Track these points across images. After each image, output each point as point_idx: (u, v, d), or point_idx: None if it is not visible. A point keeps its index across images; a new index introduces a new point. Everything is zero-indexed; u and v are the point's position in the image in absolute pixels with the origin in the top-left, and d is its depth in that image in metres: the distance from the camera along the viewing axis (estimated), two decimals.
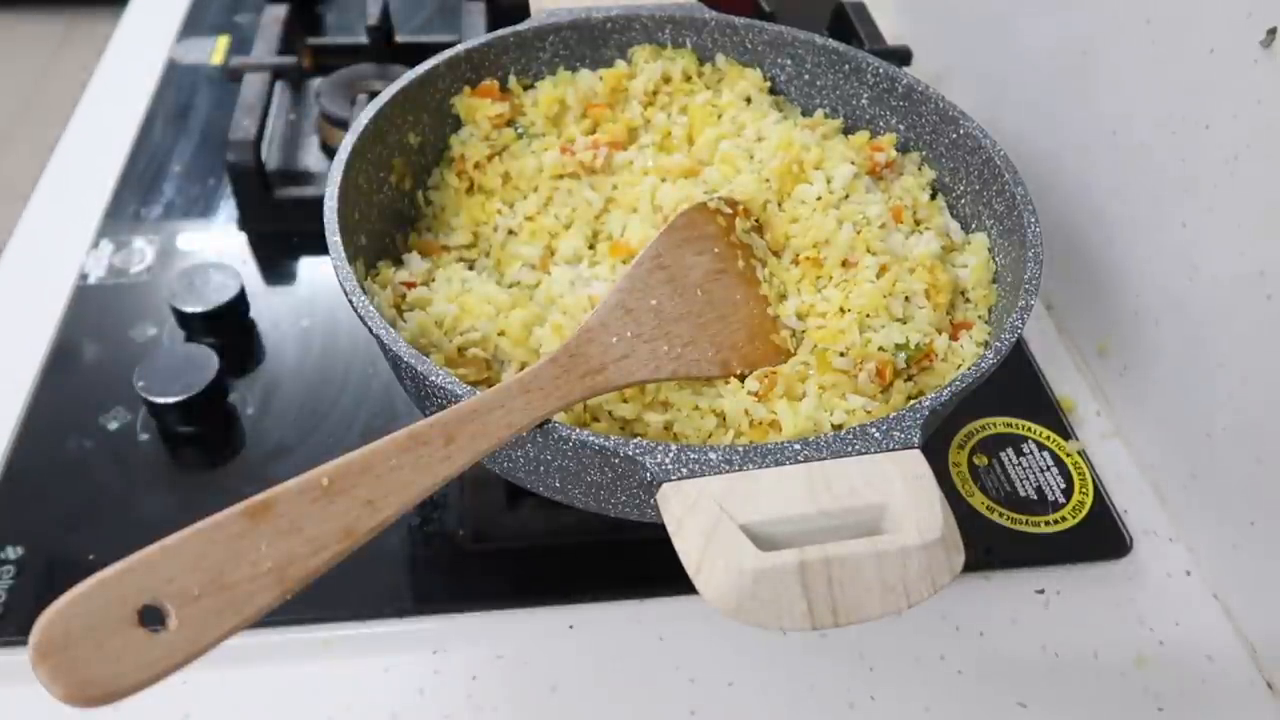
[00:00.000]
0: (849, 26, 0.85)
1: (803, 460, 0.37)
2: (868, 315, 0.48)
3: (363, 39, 0.84)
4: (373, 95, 0.55)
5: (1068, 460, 0.59)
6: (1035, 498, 0.57)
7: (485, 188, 0.58)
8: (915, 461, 0.37)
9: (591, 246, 0.56)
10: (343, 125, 0.74)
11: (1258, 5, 0.49)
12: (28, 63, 2.26)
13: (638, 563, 0.53)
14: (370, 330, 0.41)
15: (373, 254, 0.52)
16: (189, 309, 0.62)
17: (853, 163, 0.55)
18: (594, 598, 0.52)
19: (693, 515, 0.35)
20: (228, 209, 0.73)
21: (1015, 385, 0.64)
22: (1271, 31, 0.48)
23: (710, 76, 0.62)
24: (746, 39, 0.61)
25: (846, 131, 0.60)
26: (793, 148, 0.54)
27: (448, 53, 0.57)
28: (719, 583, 0.33)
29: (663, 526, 0.35)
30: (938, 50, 0.87)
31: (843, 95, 0.61)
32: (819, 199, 0.53)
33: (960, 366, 0.48)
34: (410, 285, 0.50)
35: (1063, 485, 0.58)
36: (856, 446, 0.37)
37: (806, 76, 0.61)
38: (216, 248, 0.70)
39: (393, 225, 0.56)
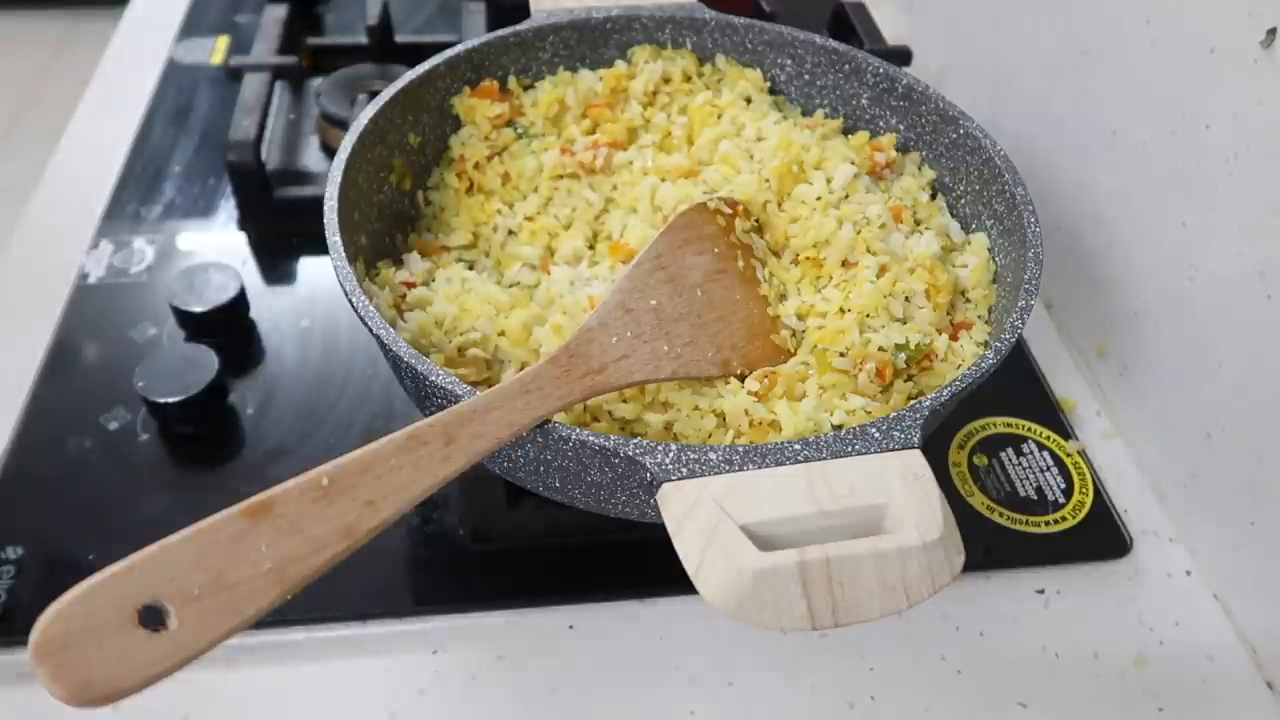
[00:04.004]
0: (849, 26, 0.85)
1: (803, 460, 0.37)
2: (868, 315, 0.48)
3: (363, 39, 0.84)
4: (373, 95, 0.54)
5: (1068, 460, 0.59)
6: (1035, 498, 0.57)
7: (485, 188, 0.58)
8: (915, 461, 0.37)
9: (591, 247, 0.56)
10: (343, 125, 0.74)
11: (1258, 5, 0.49)
12: (28, 63, 2.26)
13: (638, 563, 0.53)
14: (370, 330, 0.41)
15: (373, 254, 0.52)
16: (189, 309, 0.62)
17: (853, 163, 0.55)
18: (594, 598, 0.52)
19: (693, 515, 0.35)
20: (228, 209, 0.73)
21: (1015, 385, 0.64)
22: (1271, 31, 0.48)
23: (710, 77, 0.62)
24: (746, 39, 0.61)
25: (846, 131, 0.60)
26: (793, 148, 0.54)
27: (448, 53, 0.57)
28: (719, 583, 0.33)
29: (663, 526, 0.35)
30: (938, 50, 0.87)
31: (843, 95, 0.61)
32: (819, 199, 0.53)
33: (960, 366, 0.48)
34: (410, 285, 0.50)
35: (1063, 485, 0.58)
36: (856, 446, 0.37)
37: (806, 76, 0.61)
38: (216, 248, 0.70)
39: (393, 225, 0.56)
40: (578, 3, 0.61)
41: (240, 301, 0.64)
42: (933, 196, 0.57)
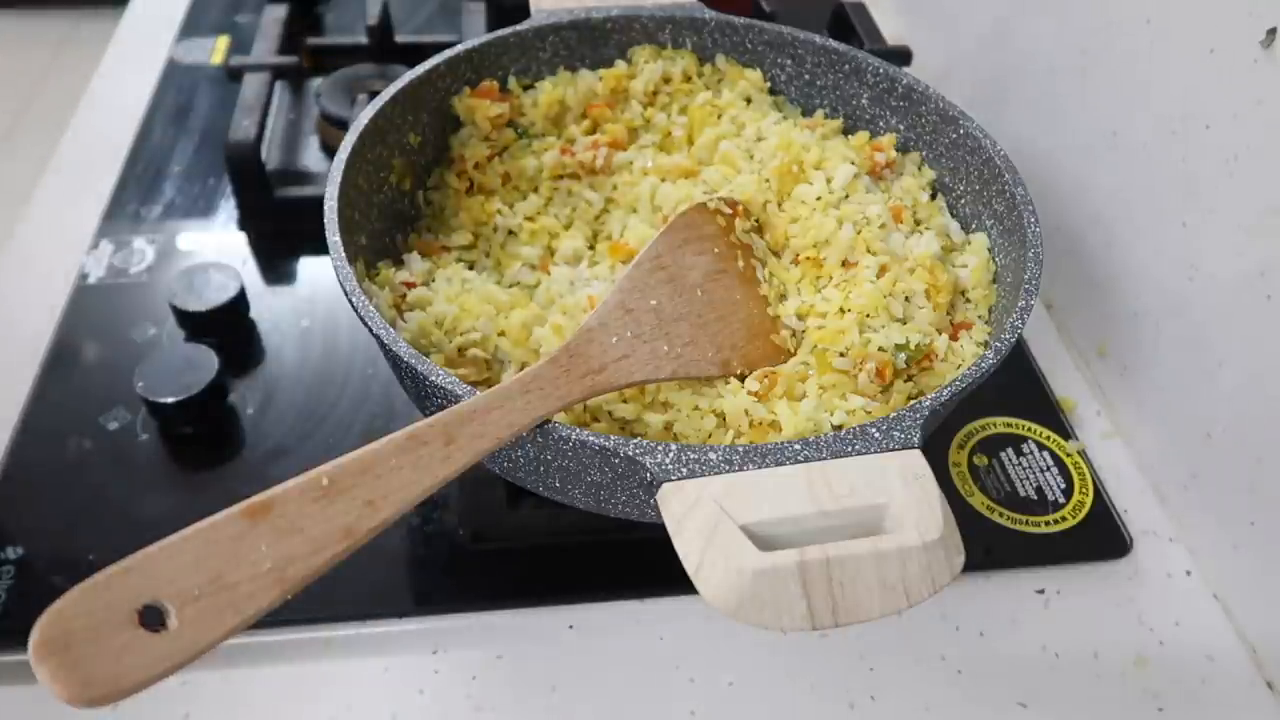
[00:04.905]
0: (849, 26, 0.85)
1: (803, 460, 0.37)
2: (868, 315, 0.48)
3: (363, 39, 0.84)
4: (373, 95, 0.54)
5: (1068, 460, 0.59)
6: (1035, 498, 0.57)
7: (485, 188, 0.58)
8: (915, 461, 0.37)
9: (591, 247, 0.56)
10: (343, 125, 0.74)
11: (1258, 5, 0.49)
12: (28, 63, 2.26)
13: (638, 563, 0.53)
14: (370, 330, 0.41)
15: (373, 254, 0.52)
16: (189, 309, 0.62)
17: (853, 163, 0.55)
18: (594, 598, 0.52)
19: (693, 515, 0.35)
20: (228, 209, 0.73)
21: (1015, 385, 0.64)
22: (1271, 31, 0.48)
23: (710, 77, 0.62)
24: (746, 39, 0.61)
25: (846, 131, 0.60)
26: (793, 148, 0.54)
27: (448, 53, 0.57)
28: (719, 583, 0.33)
29: (663, 526, 0.35)
30: (938, 50, 0.86)
31: (843, 95, 0.60)
32: (819, 199, 0.53)
33: (960, 366, 0.48)
34: (410, 285, 0.50)
35: (1063, 485, 0.58)
36: (856, 446, 0.37)
37: (806, 76, 0.61)
38: (216, 248, 0.70)
39: (393, 225, 0.56)
40: (578, 3, 0.61)
41: (240, 301, 0.64)
42: (933, 196, 0.57)
